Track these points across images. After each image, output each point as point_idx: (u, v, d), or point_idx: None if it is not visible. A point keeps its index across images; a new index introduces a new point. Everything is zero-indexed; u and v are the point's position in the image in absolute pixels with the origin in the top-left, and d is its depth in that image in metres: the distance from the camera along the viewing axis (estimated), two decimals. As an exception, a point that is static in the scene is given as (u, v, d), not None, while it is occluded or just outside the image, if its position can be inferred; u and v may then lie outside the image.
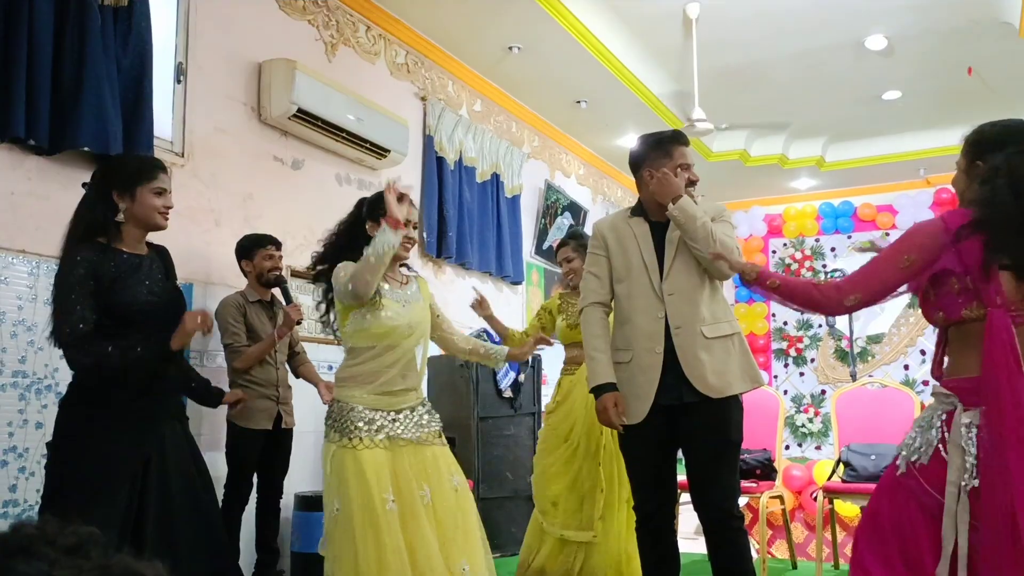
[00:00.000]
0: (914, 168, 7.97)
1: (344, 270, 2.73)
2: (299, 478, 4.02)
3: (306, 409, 3.93)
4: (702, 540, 4.62)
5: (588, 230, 7.98)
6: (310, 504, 3.85)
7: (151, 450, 2.38)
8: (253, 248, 3.72)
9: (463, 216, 5.51)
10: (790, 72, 6.12)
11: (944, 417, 1.85)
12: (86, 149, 3.12)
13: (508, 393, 5.23)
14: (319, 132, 4.27)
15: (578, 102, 6.40)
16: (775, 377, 8.75)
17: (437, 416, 2.89)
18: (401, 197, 2.69)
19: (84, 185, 2.50)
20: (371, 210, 2.85)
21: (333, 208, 4.55)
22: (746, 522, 3.50)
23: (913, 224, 2.01)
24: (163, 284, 2.50)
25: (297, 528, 3.91)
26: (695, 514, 2.92)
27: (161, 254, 2.58)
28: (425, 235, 5.21)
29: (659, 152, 2.82)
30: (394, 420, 2.75)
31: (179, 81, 3.71)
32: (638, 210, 2.91)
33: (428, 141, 5.30)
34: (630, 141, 7.25)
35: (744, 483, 4.26)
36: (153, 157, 2.57)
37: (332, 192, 4.56)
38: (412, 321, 2.81)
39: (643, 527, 2.91)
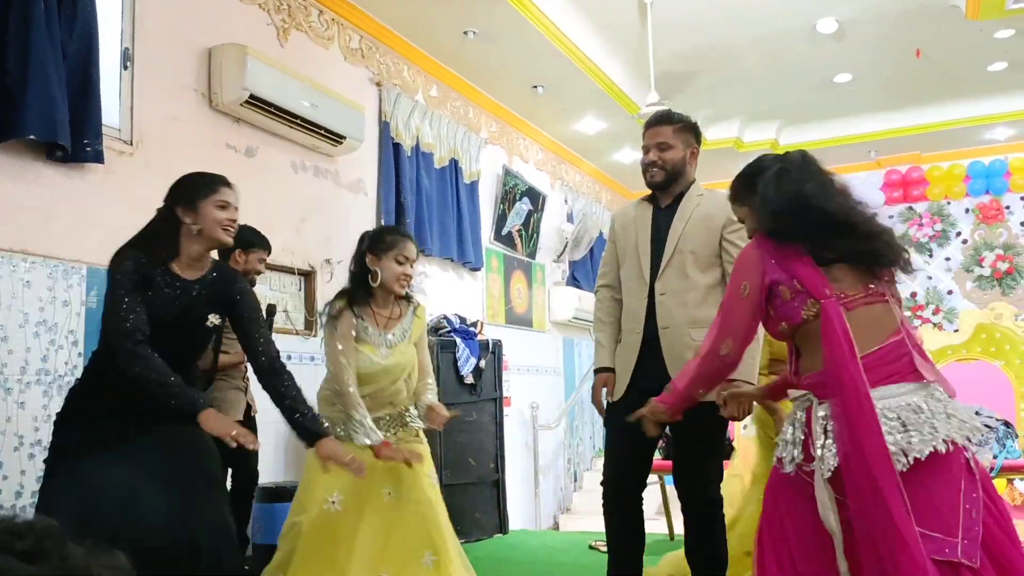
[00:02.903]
0: (865, 150, 8.12)
1: (338, 344, 2.87)
2: (261, 469, 3.98)
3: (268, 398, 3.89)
4: (663, 520, 4.69)
5: (547, 215, 7.99)
6: (272, 495, 3.83)
7: (122, 449, 2.32)
8: (251, 244, 3.58)
9: (422, 202, 5.47)
10: (744, 56, 6.17)
11: (804, 417, 1.96)
12: (32, 138, 3.04)
13: (469, 379, 5.23)
14: (273, 119, 4.20)
15: (535, 87, 6.39)
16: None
17: (417, 415, 3.01)
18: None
19: (157, 210, 2.50)
20: (372, 245, 2.98)
21: (289, 196, 4.51)
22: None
23: (736, 256, 2.15)
24: (187, 315, 2.40)
25: (258, 519, 3.87)
26: (657, 495, 2.96)
27: (219, 282, 2.47)
28: (383, 222, 5.17)
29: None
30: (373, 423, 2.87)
31: (126, 67, 3.62)
32: (651, 196, 2.99)
33: (384, 127, 5.24)
34: (588, 126, 7.29)
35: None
36: (217, 174, 2.54)
37: (288, 180, 4.50)
38: (390, 365, 2.92)
39: (613, 501, 2.91)
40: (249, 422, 3.71)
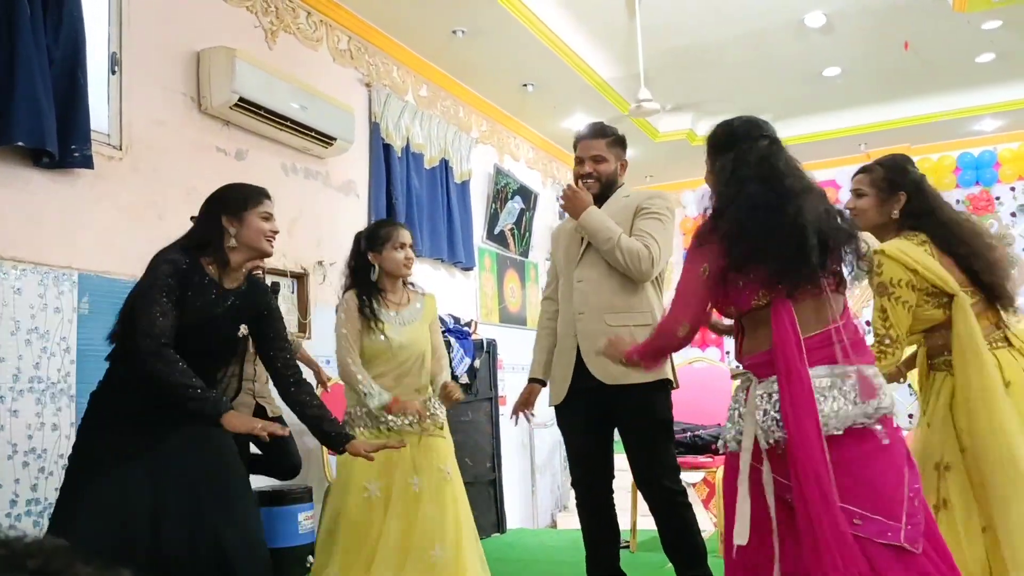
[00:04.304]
0: (855, 143, 8.13)
1: (342, 328, 3.10)
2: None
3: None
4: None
5: (539, 214, 7.97)
6: (270, 499, 3.83)
7: (144, 460, 2.34)
8: None
9: (412, 203, 5.46)
10: (733, 52, 6.17)
11: (744, 395, 2.00)
12: (20, 144, 3.03)
13: (464, 379, 5.23)
14: (262, 121, 4.19)
15: (525, 86, 6.38)
16: (727, 353, 8.88)
17: (440, 409, 3.21)
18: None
19: (192, 219, 2.55)
20: (370, 242, 3.19)
21: (280, 198, 4.46)
22: (703, 496, 3.55)
23: (693, 237, 2.13)
24: (221, 322, 2.44)
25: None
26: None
27: (251, 294, 2.54)
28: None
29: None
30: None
31: (114, 72, 3.60)
32: None
33: (374, 128, 5.23)
34: (578, 123, 7.26)
35: (699, 458, 4.32)
36: (260, 186, 2.61)
37: (279, 182, 4.48)
38: (405, 341, 3.13)
39: (582, 503, 3.02)
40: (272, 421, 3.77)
